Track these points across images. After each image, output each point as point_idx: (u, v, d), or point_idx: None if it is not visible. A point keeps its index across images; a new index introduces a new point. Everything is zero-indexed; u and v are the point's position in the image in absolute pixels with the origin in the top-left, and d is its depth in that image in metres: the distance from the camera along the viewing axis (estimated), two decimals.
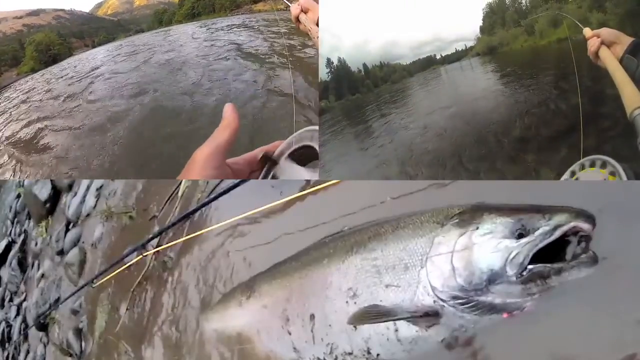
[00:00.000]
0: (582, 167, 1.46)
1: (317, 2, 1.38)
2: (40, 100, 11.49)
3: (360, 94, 8.00)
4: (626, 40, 1.43)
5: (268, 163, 1.01)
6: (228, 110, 0.93)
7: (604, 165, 1.39)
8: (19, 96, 13.77)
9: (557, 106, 3.57)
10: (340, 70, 8.09)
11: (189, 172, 0.86)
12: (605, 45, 1.47)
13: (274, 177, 1.02)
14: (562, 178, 1.52)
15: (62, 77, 15.10)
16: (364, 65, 8.54)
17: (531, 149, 3.04)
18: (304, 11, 1.36)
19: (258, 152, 1.01)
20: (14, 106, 11.89)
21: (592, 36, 1.51)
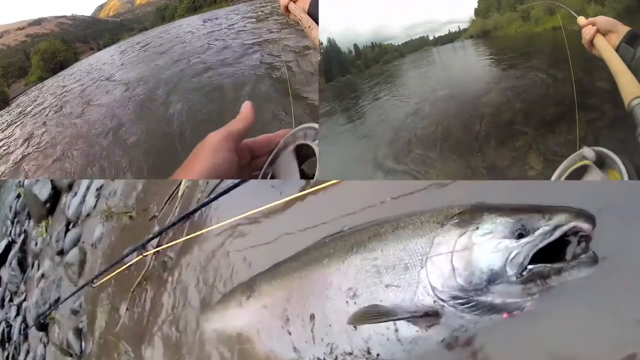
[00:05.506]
0: (580, 159, 1.44)
1: None
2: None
3: (351, 75, 7.84)
4: (622, 30, 1.38)
5: (272, 153, 1.02)
6: (247, 106, 0.98)
7: (602, 164, 1.38)
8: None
9: (550, 94, 3.55)
10: (330, 52, 7.88)
11: (201, 152, 0.89)
12: (601, 33, 1.41)
13: (273, 174, 1.02)
14: (557, 172, 1.49)
15: None
16: (355, 45, 8.37)
17: (521, 135, 3.03)
18: (293, 0, 1.36)
19: (262, 138, 1.02)
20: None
21: (587, 24, 1.44)
